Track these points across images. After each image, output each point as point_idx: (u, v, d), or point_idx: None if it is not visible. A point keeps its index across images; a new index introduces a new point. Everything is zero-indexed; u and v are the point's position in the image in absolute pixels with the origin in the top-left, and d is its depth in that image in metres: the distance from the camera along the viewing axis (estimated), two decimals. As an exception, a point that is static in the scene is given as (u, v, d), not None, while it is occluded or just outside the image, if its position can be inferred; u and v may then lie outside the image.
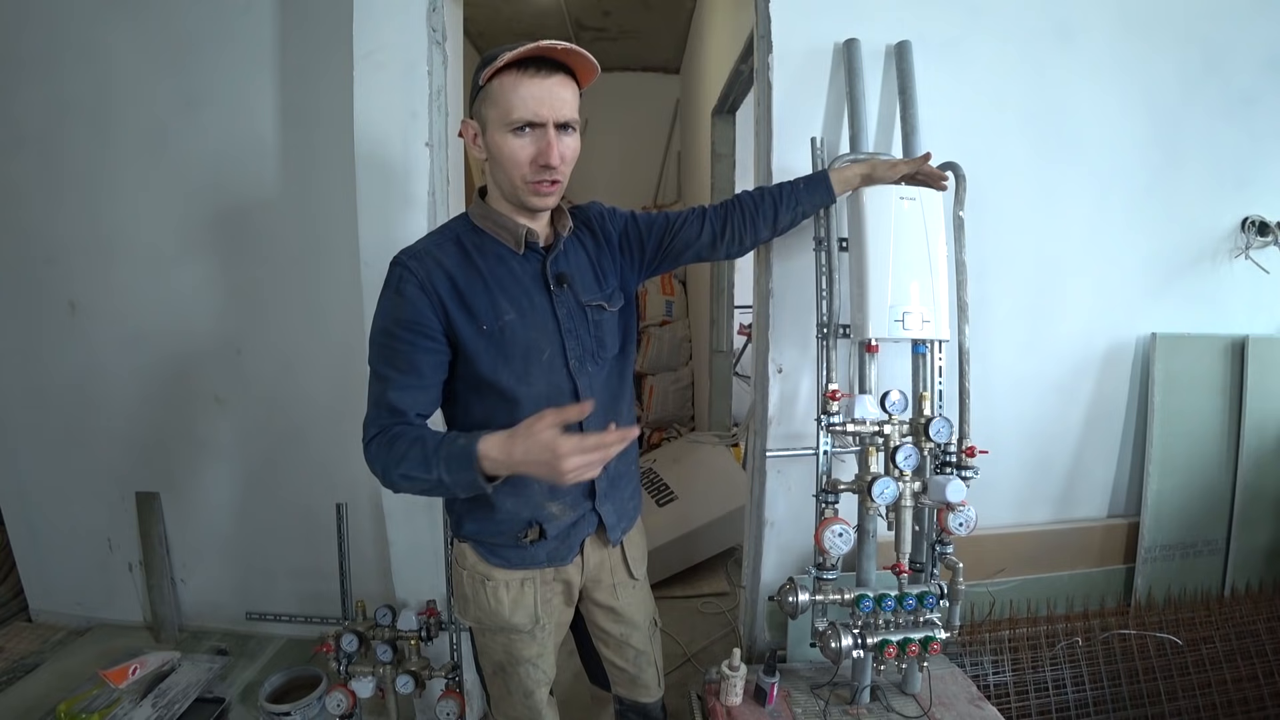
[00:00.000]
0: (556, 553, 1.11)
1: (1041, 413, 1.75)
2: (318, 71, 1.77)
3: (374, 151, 1.53)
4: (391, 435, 0.96)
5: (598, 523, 1.14)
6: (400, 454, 0.93)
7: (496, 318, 0.99)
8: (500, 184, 1.01)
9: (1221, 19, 1.66)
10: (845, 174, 1.30)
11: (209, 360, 1.98)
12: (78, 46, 1.86)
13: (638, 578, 1.25)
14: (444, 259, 1.00)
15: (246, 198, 1.89)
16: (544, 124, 0.93)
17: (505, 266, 1.02)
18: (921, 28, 1.51)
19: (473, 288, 0.99)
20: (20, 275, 2.00)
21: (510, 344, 1.00)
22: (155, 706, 1.69)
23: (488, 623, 1.12)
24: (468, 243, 1.03)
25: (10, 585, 2.25)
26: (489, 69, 0.91)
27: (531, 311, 1.02)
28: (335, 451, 1.98)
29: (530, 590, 1.11)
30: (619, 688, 1.30)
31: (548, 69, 0.93)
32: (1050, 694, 1.62)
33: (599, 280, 1.12)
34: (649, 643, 1.29)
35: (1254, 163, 1.74)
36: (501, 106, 0.93)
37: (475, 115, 0.99)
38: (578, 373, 1.06)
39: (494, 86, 0.93)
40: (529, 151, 0.95)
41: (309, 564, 2.04)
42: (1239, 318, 1.80)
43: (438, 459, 0.90)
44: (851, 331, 1.38)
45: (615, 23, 4.07)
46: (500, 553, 1.10)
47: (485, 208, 1.05)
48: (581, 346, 1.07)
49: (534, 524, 1.08)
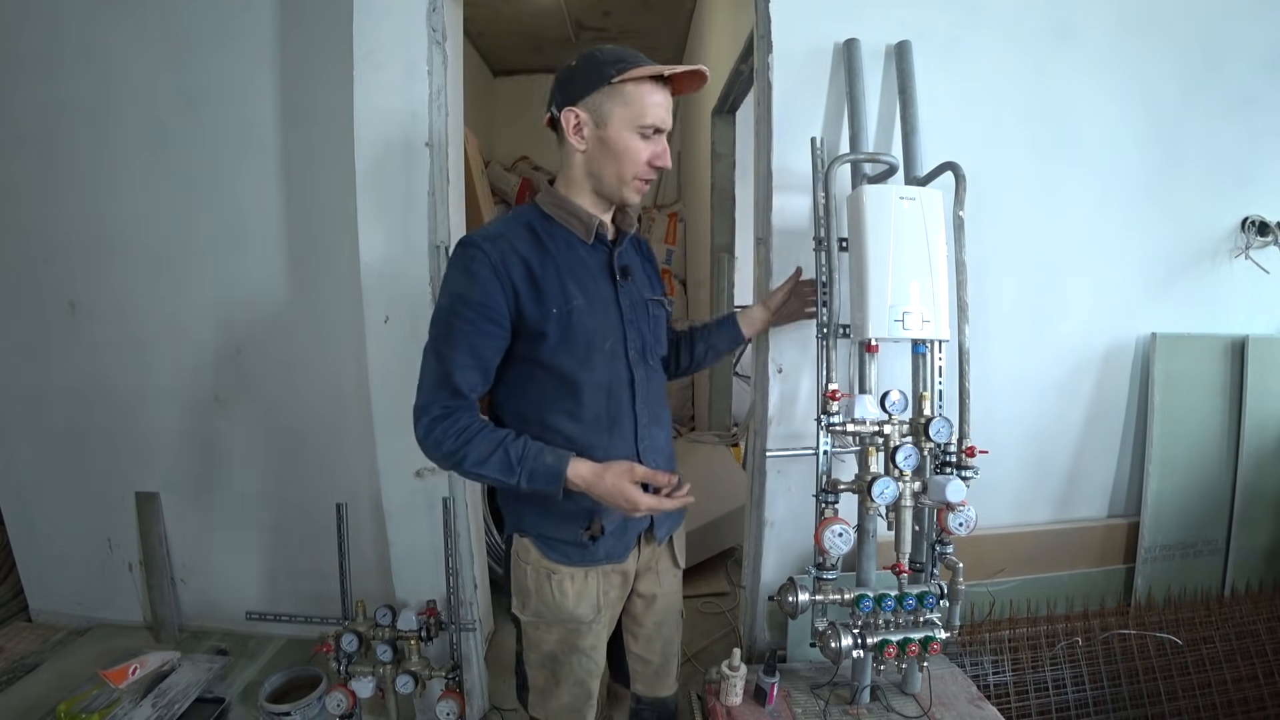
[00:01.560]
0: (614, 550, 1.14)
1: (1041, 413, 1.75)
2: (317, 71, 1.77)
3: (374, 151, 1.53)
4: (462, 427, 0.99)
5: (649, 519, 1.18)
6: (481, 455, 0.98)
7: (566, 301, 1.02)
8: (601, 176, 1.05)
9: (1221, 19, 1.66)
10: (750, 314, 1.40)
11: (209, 360, 1.98)
12: (77, 46, 1.86)
13: (680, 566, 1.30)
14: (518, 243, 1.03)
15: (246, 197, 1.89)
16: (665, 130, 1.04)
17: (575, 254, 1.07)
18: (921, 28, 1.51)
19: (545, 271, 1.02)
20: (20, 275, 2.00)
21: (576, 328, 1.03)
22: (155, 706, 1.69)
23: (549, 616, 1.14)
24: (539, 229, 1.06)
25: (10, 585, 2.25)
26: (632, 72, 0.98)
27: (598, 298, 1.07)
28: (335, 451, 1.98)
29: (594, 582, 1.14)
30: (640, 684, 1.31)
31: (665, 83, 1.03)
32: (1050, 694, 1.62)
33: (651, 283, 1.21)
34: (676, 633, 1.33)
35: (1254, 163, 1.74)
36: (635, 108, 1.00)
37: (587, 107, 1.02)
38: (636, 364, 1.11)
39: (629, 89, 1.00)
40: (648, 153, 1.03)
41: (309, 564, 2.04)
42: (1239, 318, 1.80)
43: (523, 470, 0.97)
44: (851, 331, 1.38)
45: (615, 23, 4.07)
46: (561, 549, 1.11)
47: (557, 196, 1.09)
48: (641, 339, 1.12)
49: (594, 516, 1.10)
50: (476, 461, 0.98)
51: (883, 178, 1.44)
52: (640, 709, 1.33)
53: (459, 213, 1.75)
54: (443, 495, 1.63)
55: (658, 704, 1.33)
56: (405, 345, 1.59)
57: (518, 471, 0.97)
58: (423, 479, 1.65)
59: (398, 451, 1.64)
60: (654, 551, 1.23)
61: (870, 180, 1.45)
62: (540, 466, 0.97)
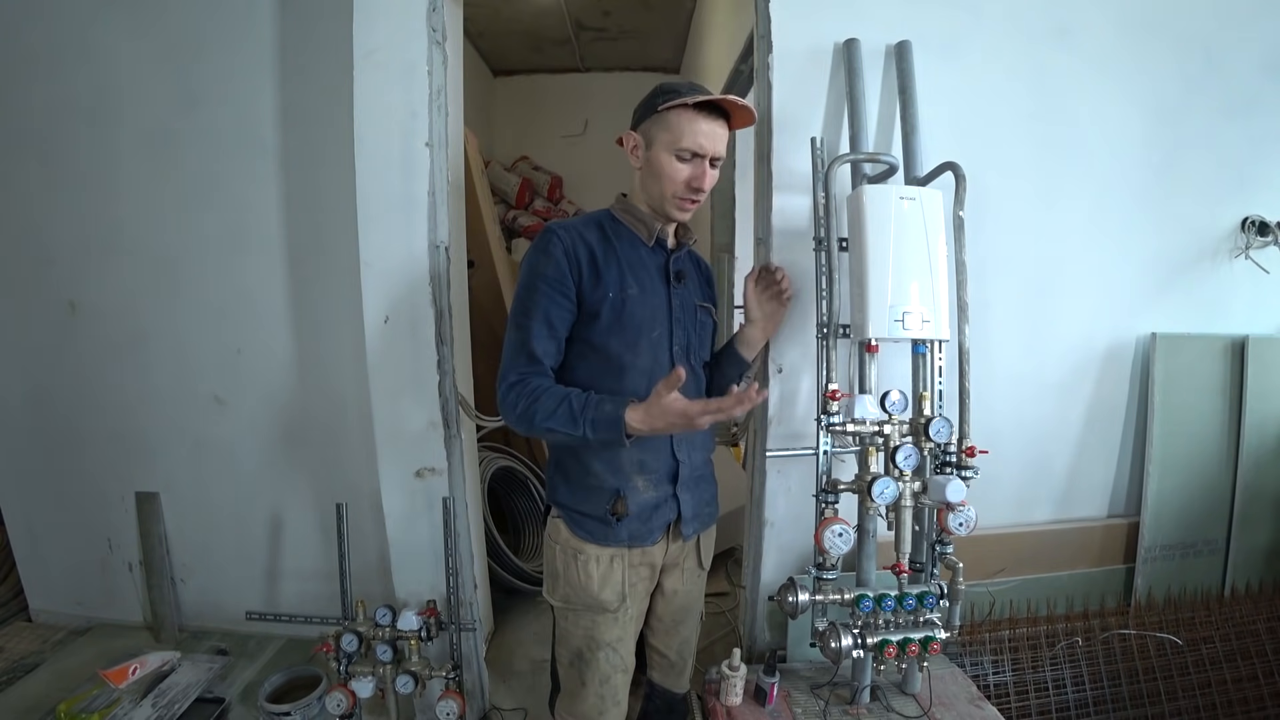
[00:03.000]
0: (638, 533, 1.18)
1: (1041, 412, 1.75)
2: (317, 71, 1.77)
3: (374, 151, 1.53)
4: (533, 388, 1.08)
5: (677, 511, 1.21)
6: (548, 409, 1.06)
7: (622, 289, 1.13)
8: (650, 192, 1.17)
9: (1222, 19, 1.66)
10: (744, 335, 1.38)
11: (209, 360, 1.98)
12: (78, 46, 1.86)
13: (705, 567, 1.34)
14: (587, 234, 1.16)
15: (246, 197, 1.89)
16: (704, 155, 1.12)
17: (635, 251, 1.18)
18: (921, 28, 1.52)
19: (607, 260, 1.14)
20: (20, 275, 2.00)
21: (628, 315, 1.13)
22: (155, 706, 1.69)
23: (575, 600, 1.19)
24: (607, 227, 1.19)
25: (10, 585, 2.25)
26: (673, 101, 1.08)
27: (651, 292, 1.17)
28: (335, 451, 1.98)
29: (619, 567, 1.18)
30: (656, 674, 1.36)
31: (717, 114, 1.11)
32: (1050, 694, 1.62)
33: (704, 293, 1.29)
34: (694, 633, 1.38)
35: (1254, 163, 1.74)
36: (674, 133, 1.10)
37: (641, 131, 1.16)
38: (679, 358, 1.19)
39: (671, 116, 1.10)
40: (686, 174, 1.12)
41: (309, 564, 2.04)
42: (1239, 318, 1.80)
43: (585, 420, 1.04)
44: (851, 331, 1.38)
45: (615, 23, 4.07)
46: (587, 525, 1.17)
47: (628, 204, 1.22)
48: (687, 337, 1.21)
49: (619, 494, 1.16)
50: (545, 416, 1.06)
51: (883, 178, 1.44)
52: (653, 695, 1.38)
53: (459, 213, 1.75)
54: (443, 495, 1.63)
55: (669, 696, 1.37)
56: (405, 345, 1.59)
57: (581, 422, 1.04)
58: (423, 479, 1.65)
59: (398, 451, 1.64)
60: (681, 548, 1.27)
61: (870, 180, 1.45)
62: (601, 415, 1.03)
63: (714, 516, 1.33)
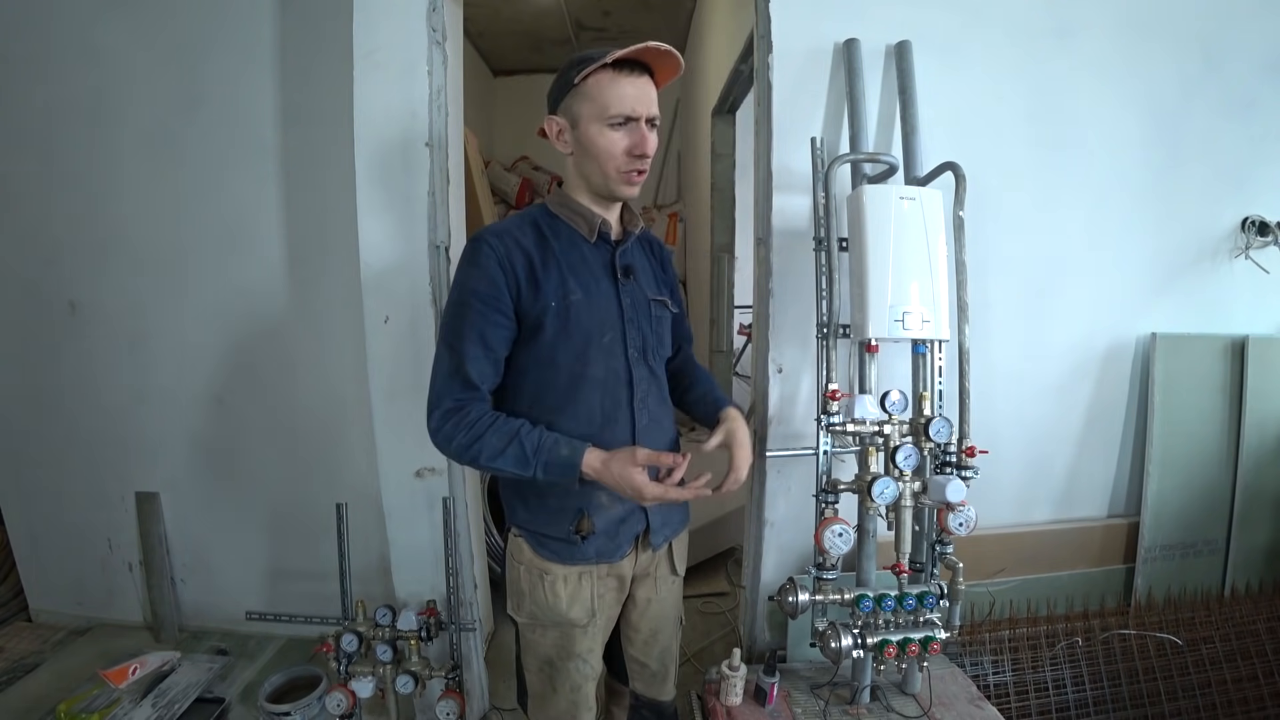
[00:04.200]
0: (605, 549, 1.11)
1: (1041, 413, 1.76)
2: (318, 71, 1.77)
3: (374, 151, 1.53)
4: (472, 419, 0.99)
5: (646, 522, 1.15)
6: (495, 448, 0.98)
7: (564, 295, 1.04)
8: (588, 175, 1.06)
9: (1221, 19, 1.66)
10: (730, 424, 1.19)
11: (209, 360, 1.98)
12: (78, 47, 1.86)
13: (679, 574, 1.27)
14: (522, 238, 1.05)
15: (246, 198, 1.89)
16: (638, 118, 1.01)
17: (577, 251, 1.08)
18: (921, 28, 1.52)
19: (545, 265, 1.04)
20: (20, 275, 2.00)
21: (574, 323, 1.04)
22: (155, 706, 1.69)
23: (543, 617, 1.13)
24: (544, 226, 1.09)
25: (10, 585, 2.25)
26: (588, 69, 0.98)
27: (598, 294, 1.07)
28: (335, 451, 1.98)
29: (587, 584, 1.12)
30: (639, 684, 1.31)
31: (639, 69, 1.01)
32: (1050, 694, 1.62)
33: (658, 284, 1.19)
34: (674, 640, 1.31)
35: (1254, 163, 1.74)
36: (599, 102, 1.00)
37: (563, 112, 1.04)
38: (635, 362, 1.10)
39: (590, 85, 1.00)
40: (624, 143, 1.01)
41: (309, 564, 2.04)
42: (1239, 318, 1.80)
43: (537, 462, 0.98)
44: (851, 331, 1.38)
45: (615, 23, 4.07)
46: (551, 546, 1.10)
47: (564, 196, 1.11)
48: (642, 337, 1.12)
49: (583, 513, 1.09)
50: (491, 456, 0.98)
51: (883, 178, 1.44)
52: (639, 707, 1.33)
53: (459, 213, 1.75)
54: (443, 495, 1.63)
55: (655, 705, 1.32)
56: (405, 345, 1.59)
57: (533, 464, 0.98)
58: (423, 479, 1.65)
59: (398, 451, 1.64)
60: (652, 557, 1.20)
61: (870, 180, 1.45)
62: (555, 458, 0.98)
63: (685, 522, 1.26)
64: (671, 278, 1.26)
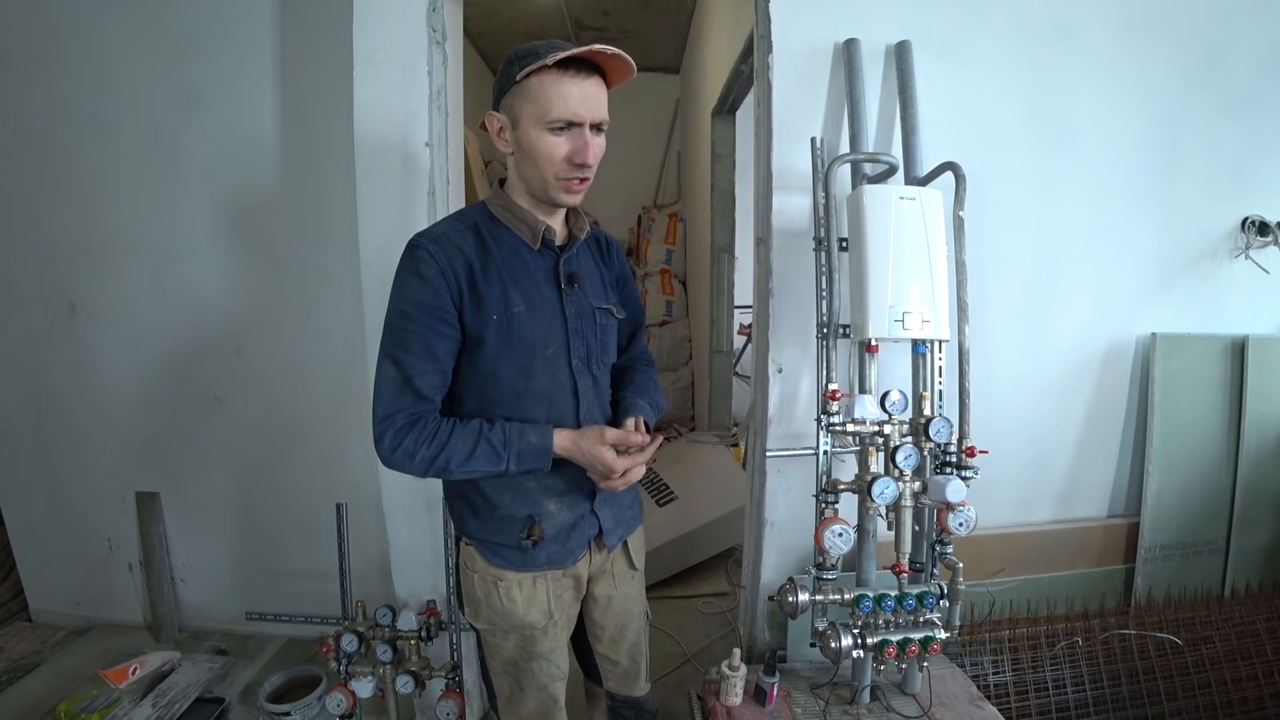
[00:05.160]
0: (557, 555, 1.10)
1: (1041, 413, 1.75)
2: (318, 71, 1.77)
3: (374, 152, 1.53)
4: (433, 429, 0.97)
5: (598, 525, 1.13)
6: (464, 451, 0.96)
7: (506, 308, 1.00)
8: (528, 178, 1.01)
9: (1221, 19, 1.66)
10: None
11: (209, 360, 1.98)
12: (78, 46, 1.86)
13: (638, 568, 1.25)
14: (463, 245, 1.00)
15: (246, 198, 1.89)
16: (581, 124, 0.95)
17: (519, 260, 1.03)
18: (921, 28, 1.52)
19: (487, 276, 1.00)
20: (20, 275, 2.00)
21: (516, 336, 1.00)
22: (155, 706, 1.69)
23: (501, 624, 1.11)
24: (485, 232, 1.03)
25: (10, 585, 2.25)
26: (530, 66, 0.91)
27: (541, 306, 1.03)
28: (335, 451, 1.98)
29: (543, 587, 1.11)
30: (612, 683, 1.30)
31: (586, 70, 0.94)
32: (1050, 694, 1.62)
33: (605, 289, 1.15)
34: (642, 635, 1.30)
35: (1254, 163, 1.74)
36: (540, 104, 0.93)
37: (504, 109, 0.98)
38: (580, 373, 1.07)
39: (532, 83, 0.93)
40: (565, 149, 0.96)
41: (309, 564, 2.04)
42: (1239, 318, 1.80)
43: (509, 454, 0.97)
44: (851, 331, 1.38)
45: (615, 23, 4.07)
46: (503, 554, 1.09)
47: (505, 199, 1.05)
48: (586, 347, 1.08)
49: (533, 520, 1.07)
50: (462, 460, 0.96)
51: (883, 178, 1.44)
52: (617, 706, 1.33)
53: (459, 213, 1.75)
54: (442, 495, 1.63)
55: (632, 702, 1.31)
56: (405, 345, 1.59)
57: (505, 457, 0.97)
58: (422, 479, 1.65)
59: (398, 451, 1.64)
60: (606, 556, 1.18)
61: (870, 180, 1.45)
62: (527, 447, 0.98)
63: (638, 519, 1.25)
64: (622, 273, 1.21)
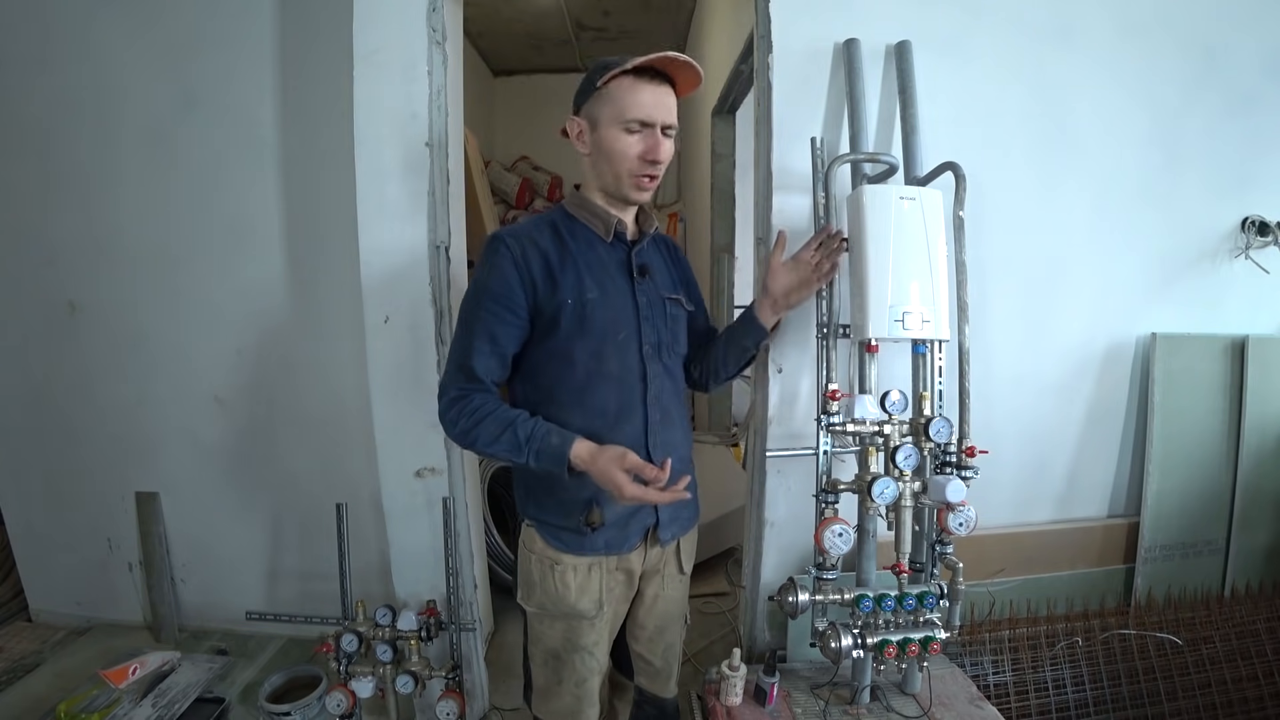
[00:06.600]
0: (614, 540, 1.14)
1: (1041, 413, 1.75)
2: (317, 71, 1.77)
3: (374, 151, 1.53)
4: (474, 407, 1.06)
5: (655, 517, 1.18)
6: (491, 434, 1.04)
7: (581, 294, 1.08)
8: (603, 176, 1.11)
9: (1221, 20, 1.66)
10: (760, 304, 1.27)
11: (209, 360, 1.98)
12: (77, 46, 1.86)
13: (686, 572, 1.30)
14: (539, 238, 1.10)
15: (246, 198, 1.89)
16: (654, 125, 1.06)
17: (593, 251, 1.12)
18: (921, 28, 1.51)
19: (563, 265, 1.09)
20: (20, 275, 2.00)
21: (590, 320, 1.08)
22: (155, 706, 1.69)
23: (552, 608, 1.15)
24: (561, 227, 1.13)
25: (10, 585, 2.25)
26: (611, 72, 1.03)
27: (614, 294, 1.11)
28: (335, 451, 1.98)
29: (597, 576, 1.15)
30: (642, 679, 1.34)
31: (660, 78, 1.06)
32: (1050, 694, 1.62)
33: (674, 285, 1.23)
34: (678, 638, 1.34)
35: (1254, 163, 1.74)
36: (618, 106, 1.05)
37: (584, 114, 1.09)
38: (650, 359, 1.14)
39: (611, 89, 1.05)
40: (638, 148, 1.06)
41: (309, 564, 2.04)
42: (1239, 318, 1.80)
43: (530, 449, 1.03)
44: (851, 331, 1.38)
45: (615, 23, 4.08)
46: (562, 537, 1.13)
47: (580, 198, 1.16)
48: (657, 335, 1.15)
49: (593, 505, 1.11)
50: (487, 441, 1.04)
51: (883, 178, 1.44)
52: (642, 703, 1.35)
53: (459, 213, 1.75)
54: (442, 495, 1.63)
55: (658, 703, 1.34)
56: (405, 345, 1.59)
57: (525, 451, 1.03)
58: (423, 479, 1.65)
59: (398, 451, 1.64)
60: (660, 554, 1.23)
61: (870, 180, 1.45)
62: (546, 446, 1.02)
63: (694, 519, 1.30)
64: (687, 275, 1.30)
